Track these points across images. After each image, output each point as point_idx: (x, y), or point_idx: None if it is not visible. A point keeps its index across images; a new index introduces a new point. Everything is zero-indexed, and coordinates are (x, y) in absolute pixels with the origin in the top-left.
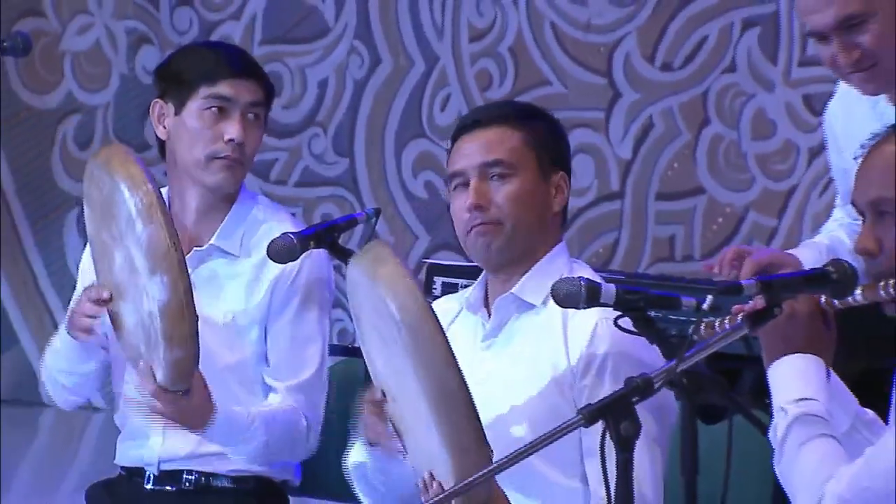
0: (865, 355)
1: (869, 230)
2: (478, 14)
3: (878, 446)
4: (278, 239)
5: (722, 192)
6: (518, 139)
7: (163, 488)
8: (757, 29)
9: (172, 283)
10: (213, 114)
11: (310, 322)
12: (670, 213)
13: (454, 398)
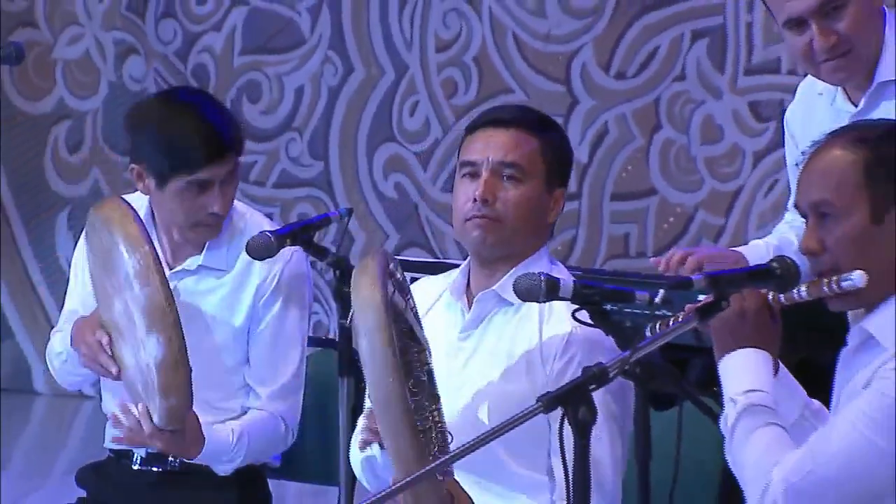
0: (805, 347)
1: (812, 231)
2: (444, 26)
3: (821, 433)
4: (257, 237)
5: (673, 192)
6: (535, 146)
7: (149, 469)
8: (705, 40)
9: (168, 342)
10: (193, 193)
11: (290, 325)
12: (624, 213)
13: (397, 411)
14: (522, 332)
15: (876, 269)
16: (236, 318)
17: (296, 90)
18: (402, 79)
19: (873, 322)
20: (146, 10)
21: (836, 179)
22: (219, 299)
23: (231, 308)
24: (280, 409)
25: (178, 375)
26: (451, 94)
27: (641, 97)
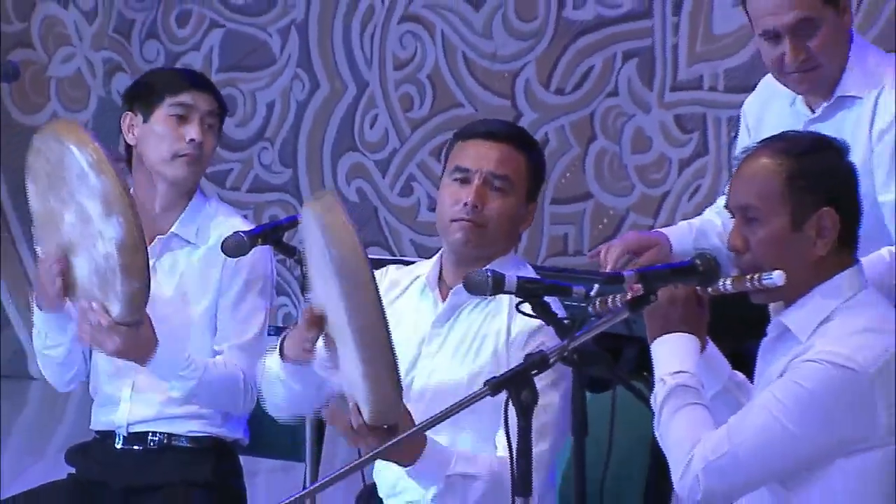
0: (736, 336)
1: (738, 230)
2: (401, 47)
3: (738, 417)
4: (231, 236)
5: (606, 197)
6: (522, 162)
7: (131, 448)
8: (635, 60)
9: (126, 222)
10: (177, 119)
11: (253, 299)
12: (563, 215)
13: (375, 334)
14: (492, 324)
15: (793, 270)
16: (206, 294)
17: (267, 104)
18: (363, 94)
19: (790, 316)
20: (132, 32)
21: (762, 187)
22: (191, 275)
23: (202, 284)
24: (241, 363)
25: (139, 257)
26: (408, 108)
27: (578, 111)
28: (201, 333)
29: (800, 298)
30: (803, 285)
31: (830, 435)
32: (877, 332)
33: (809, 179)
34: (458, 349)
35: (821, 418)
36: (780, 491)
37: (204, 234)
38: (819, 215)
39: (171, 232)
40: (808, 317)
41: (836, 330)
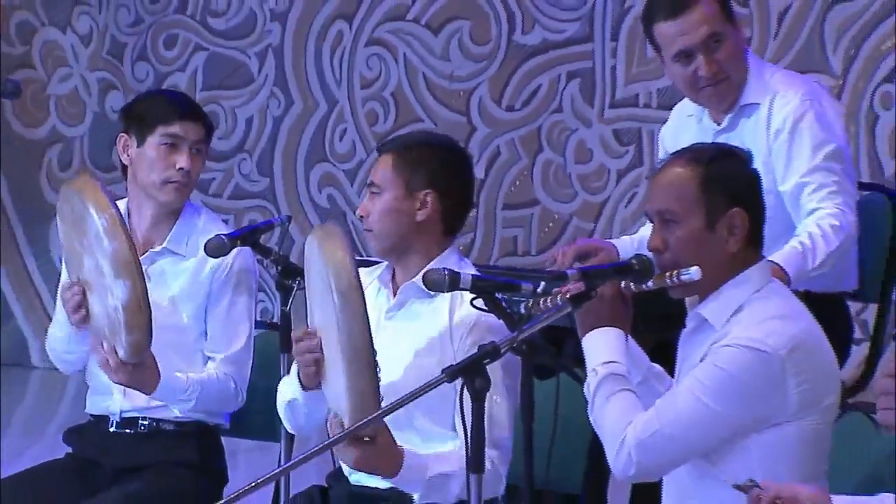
0: (659, 329)
1: (657, 233)
2: (367, 68)
3: (665, 398)
4: (213, 239)
5: (552, 203)
6: (389, 163)
7: (123, 431)
8: (578, 80)
9: (133, 286)
10: (168, 148)
11: (240, 306)
12: (513, 219)
13: (361, 353)
14: (436, 317)
15: (708, 266)
16: (196, 300)
17: (246, 120)
18: (332, 110)
19: (707, 308)
20: (124, 54)
21: (677, 192)
22: (181, 283)
23: (191, 291)
24: (231, 372)
25: (141, 315)
26: (373, 122)
27: (527, 126)
28: (191, 336)
29: (714, 292)
30: (718, 280)
31: (747, 412)
32: (785, 319)
33: (719, 183)
34: (406, 340)
35: (739, 397)
36: (703, 464)
37: (193, 246)
38: (730, 215)
39: (164, 247)
40: (722, 307)
41: (748, 318)
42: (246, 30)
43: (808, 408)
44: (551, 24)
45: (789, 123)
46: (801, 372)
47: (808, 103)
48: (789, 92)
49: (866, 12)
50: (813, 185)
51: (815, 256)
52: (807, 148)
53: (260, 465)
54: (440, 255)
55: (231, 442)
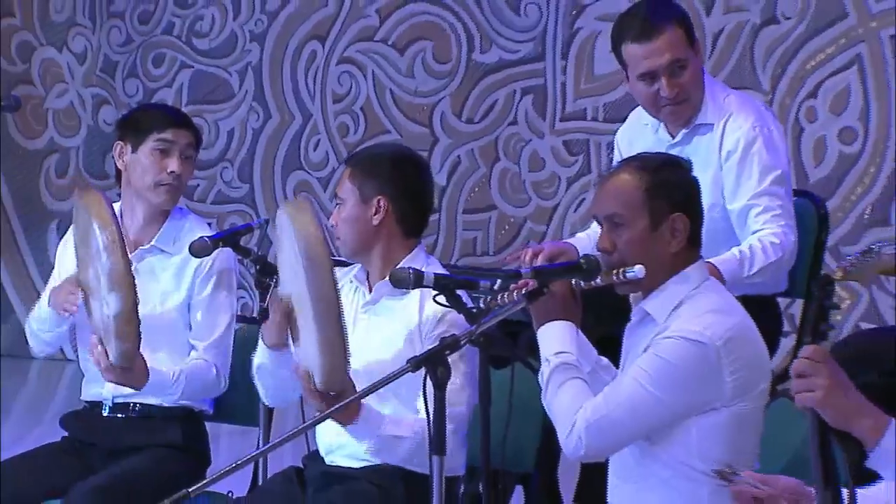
0: (606, 322)
1: (605, 235)
2: (339, 84)
3: (612, 386)
4: (197, 240)
5: (508, 208)
6: (347, 175)
7: (115, 416)
8: (531, 95)
9: (124, 299)
10: (160, 152)
11: (221, 299)
12: (472, 223)
13: (331, 306)
14: (406, 312)
15: (651, 265)
16: (181, 292)
17: (228, 132)
18: (307, 123)
19: (650, 303)
20: (115, 71)
21: (624, 198)
22: (167, 277)
23: (177, 285)
24: (213, 358)
25: (131, 326)
26: (344, 134)
27: (485, 137)
28: (177, 327)
29: (657, 288)
30: (660, 277)
31: (686, 397)
32: (721, 313)
33: (663, 190)
34: (380, 332)
35: (678, 384)
36: (646, 446)
37: (179, 245)
38: (672, 220)
39: (153, 245)
40: (664, 303)
41: (687, 312)
42: (227, 49)
43: (742, 394)
44: (507, 44)
45: (741, 147)
46: (736, 361)
47: (758, 129)
48: (741, 116)
49: (792, 35)
50: (759, 208)
51: (751, 266)
52: (755, 172)
53: (240, 447)
54: (408, 255)
55: (214, 426)
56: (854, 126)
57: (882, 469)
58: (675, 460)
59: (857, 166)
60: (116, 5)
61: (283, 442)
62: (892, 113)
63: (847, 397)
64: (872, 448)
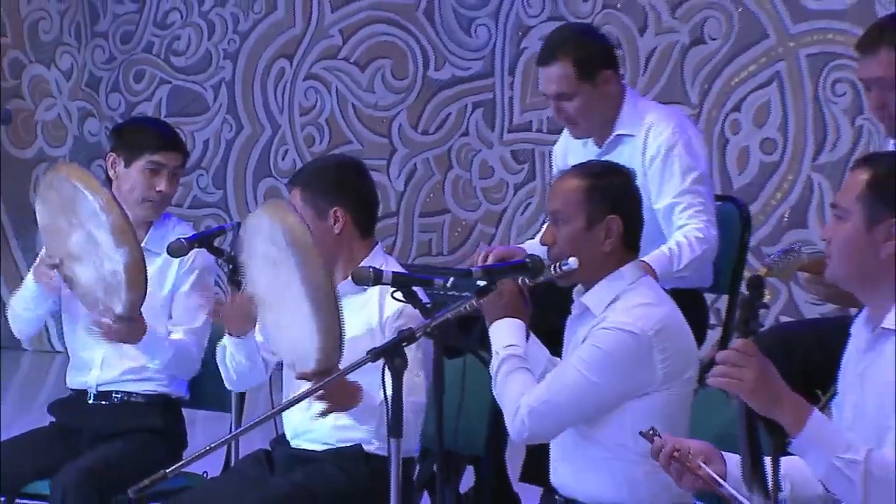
0: (553, 317)
1: (549, 229)
2: (305, 98)
3: (554, 374)
4: (174, 241)
5: (460, 211)
6: (299, 198)
7: (99, 403)
8: (482, 109)
9: (131, 250)
10: (151, 172)
11: (200, 293)
12: (428, 225)
13: (326, 291)
14: (368, 309)
15: (587, 260)
16: (165, 287)
17: (203, 142)
18: (276, 134)
19: (588, 298)
20: (99, 86)
21: (566, 197)
22: (153, 275)
23: (161, 280)
24: (192, 341)
25: (140, 274)
26: (311, 144)
27: (439, 147)
28: (161, 319)
29: (595, 285)
30: (596, 274)
31: (621, 383)
32: (653, 306)
33: (601, 193)
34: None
35: (614, 371)
36: (585, 429)
37: (165, 245)
38: (607, 221)
39: (143, 247)
40: (601, 298)
41: (622, 305)
42: (203, 66)
43: (671, 380)
44: (459, 62)
45: (662, 152)
46: (666, 350)
47: (677, 135)
48: (661, 124)
49: (717, 54)
50: (682, 205)
51: (679, 261)
52: (677, 173)
53: (214, 431)
54: (368, 255)
55: (190, 412)
56: (774, 137)
57: (804, 455)
58: (611, 442)
59: (776, 174)
60: (100, 26)
61: (253, 427)
62: (809, 125)
63: (772, 388)
64: (795, 436)
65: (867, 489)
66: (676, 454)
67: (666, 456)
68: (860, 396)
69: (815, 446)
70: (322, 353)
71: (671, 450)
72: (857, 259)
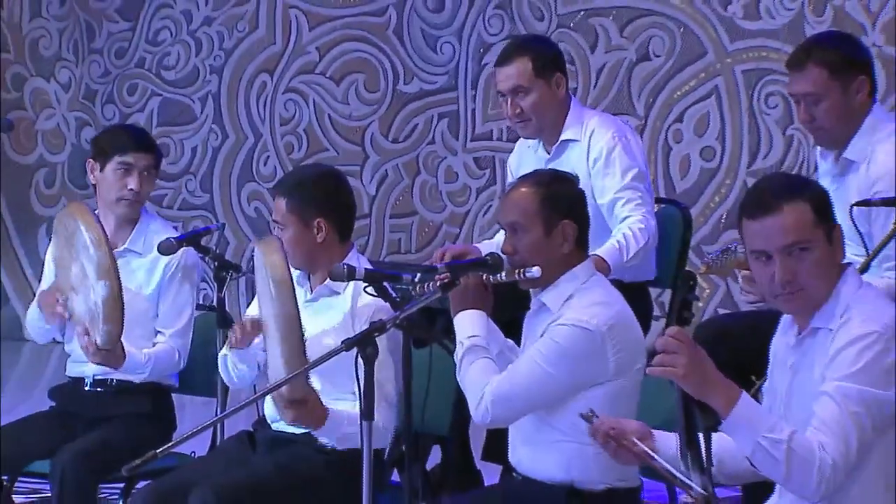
0: (509, 311)
1: (508, 239)
2: (285, 109)
3: (514, 365)
4: (164, 241)
5: (427, 213)
6: (284, 207)
7: (95, 389)
8: (447, 119)
9: (111, 286)
10: (122, 172)
11: (185, 293)
12: (398, 226)
13: (293, 323)
14: (341, 305)
15: (546, 265)
16: (152, 286)
17: (191, 149)
18: (258, 142)
19: (546, 296)
20: (95, 98)
21: (522, 208)
22: (140, 274)
23: (148, 280)
24: (176, 344)
25: (117, 309)
26: (290, 151)
27: (408, 154)
28: (148, 315)
29: (552, 284)
30: (554, 275)
31: (576, 374)
32: (605, 304)
33: (554, 201)
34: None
35: (569, 363)
36: (543, 415)
37: (149, 245)
38: (562, 226)
39: (125, 248)
40: (557, 296)
41: (577, 303)
42: (191, 80)
43: (622, 371)
44: (426, 76)
45: (604, 153)
46: (617, 344)
47: (617, 138)
48: (602, 129)
49: (661, 70)
50: (623, 200)
51: (628, 251)
52: (618, 171)
53: (201, 414)
54: (345, 258)
55: (179, 398)
56: (713, 146)
57: (733, 434)
58: (566, 426)
59: (715, 179)
60: (96, 43)
61: (237, 410)
62: (744, 135)
63: (705, 373)
64: (725, 417)
65: (790, 466)
66: (612, 432)
67: (602, 434)
68: (790, 386)
69: (743, 426)
70: (289, 386)
71: (607, 429)
72: (825, 276)
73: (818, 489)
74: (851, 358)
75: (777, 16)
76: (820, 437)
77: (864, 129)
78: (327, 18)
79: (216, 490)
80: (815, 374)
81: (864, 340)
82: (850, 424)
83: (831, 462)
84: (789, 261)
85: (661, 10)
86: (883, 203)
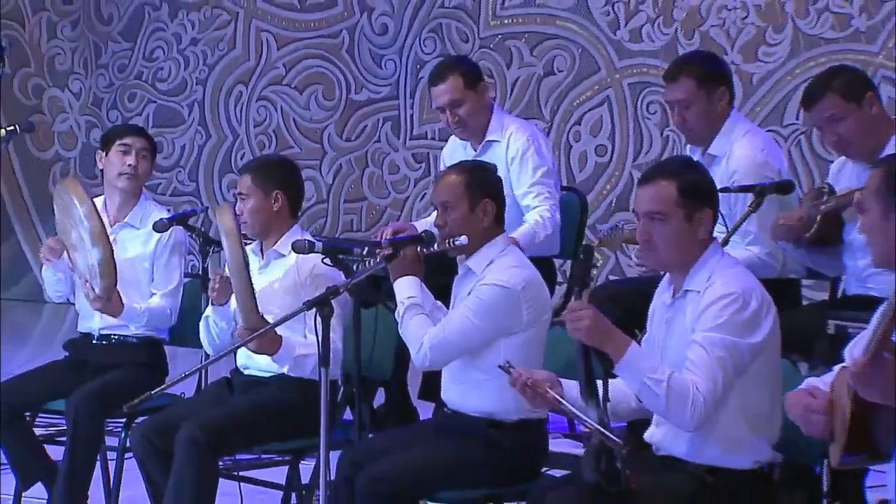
0: (441, 276)
1: (441, 215)
2: (258, 114)
3: (447, 318)
4: (158, 221)
5: (374, 199)
6: (249, 181)
7: (101, 343)
8: (390, 122)
9: (104, 250)
10: (122, 153)
11: (175, 262)
12: (350, 209)
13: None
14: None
15: (471, 235)
16: (147, 257)
17: (181, 147)
18: (236, 141)
19: (471, 261)
20: (102, 105)
21: (451, 190)
22: (137, 246)
23: (144, 252)
24: (168, 303)
25: (110, 266)
26: (262, 148)
27: (358, 151)
28: (143, 280)
29: (475, 252)
30: (476, 244)
31: (497, 325)
32: (520, 268)
33: (477, 183)
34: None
35: (491, 315)
36: (469, 359)
37: (145, 221)
38: (484, 204)
39: (126, 221)
40: (480, 261)
41: (496, 267)
42: (180, 90)
43: (533, 323)
44: (373, 87)
45: (520, 153)
46: (529, 300)
47: (530, 141)
48: (519, 132)
49: (564, 82)
50: (534, 193)
51: (537, 236)
52: (530, 169)
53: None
54: (290, 230)
55: (171, 349)
56: (605, 144)
57: (624, 376)
58: (489, 368)
59: (606, 171)
60: (102, 59)
61: (217, 359)
62: (630, 135)
63: (602, 329)
64: (617, 362)
65: (669, 401)
66: (529, 383)
67: (521, 384)
68: (666, 338)
69: (632, 369)
70: (244, 316)
71: (525, 379)
72: (680, 246)
73: (692, 420)
74: (715, 313)
75: (656, 39)
76: (692, 377)
77: (724, 130)
78: (292, 40)
79: (202, 424)
80: (686, 327)
81: (725, 299)
82: (716, 367)
83: (703, 398)
84: (649, 224)
85: (564, 35)
86: (740, 189)
